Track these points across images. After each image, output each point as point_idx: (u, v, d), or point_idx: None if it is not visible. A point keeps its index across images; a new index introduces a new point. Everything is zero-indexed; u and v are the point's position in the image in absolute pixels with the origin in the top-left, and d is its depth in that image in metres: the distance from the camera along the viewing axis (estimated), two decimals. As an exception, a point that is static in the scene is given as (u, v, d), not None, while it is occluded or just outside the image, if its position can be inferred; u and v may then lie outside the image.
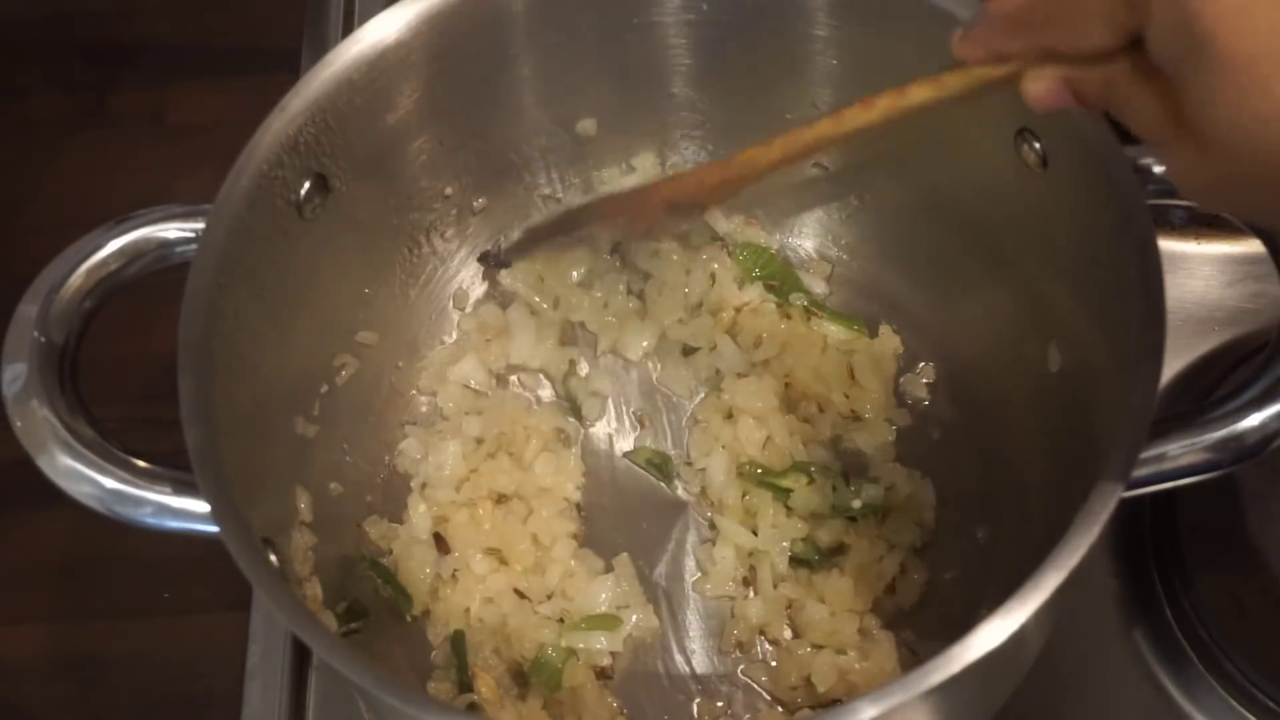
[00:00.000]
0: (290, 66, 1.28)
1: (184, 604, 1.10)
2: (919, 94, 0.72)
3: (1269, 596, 0.96)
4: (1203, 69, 0.51)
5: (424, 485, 1.07)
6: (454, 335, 1.14)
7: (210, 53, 1.39)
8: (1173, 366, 1.09)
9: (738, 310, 1.13)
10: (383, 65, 0.96)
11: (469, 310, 1.14)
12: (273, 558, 0.86)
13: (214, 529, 0.79)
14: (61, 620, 1.11)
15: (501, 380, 1.13)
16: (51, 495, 0.83)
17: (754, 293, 1.12)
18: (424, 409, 1.12)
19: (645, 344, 1.13)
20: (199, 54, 1.39)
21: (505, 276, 1.13)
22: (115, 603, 1.10)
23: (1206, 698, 0.97)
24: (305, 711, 1.03)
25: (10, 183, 1.31)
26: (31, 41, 1.41)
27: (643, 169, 1.14)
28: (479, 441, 1.08)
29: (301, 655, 1.03)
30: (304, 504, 0.98)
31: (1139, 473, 0.78)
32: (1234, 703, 0.96)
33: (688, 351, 1.13)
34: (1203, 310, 1.11)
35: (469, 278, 1.14)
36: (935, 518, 1.04)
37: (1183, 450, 0.80)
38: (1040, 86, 0.63)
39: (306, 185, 0.95)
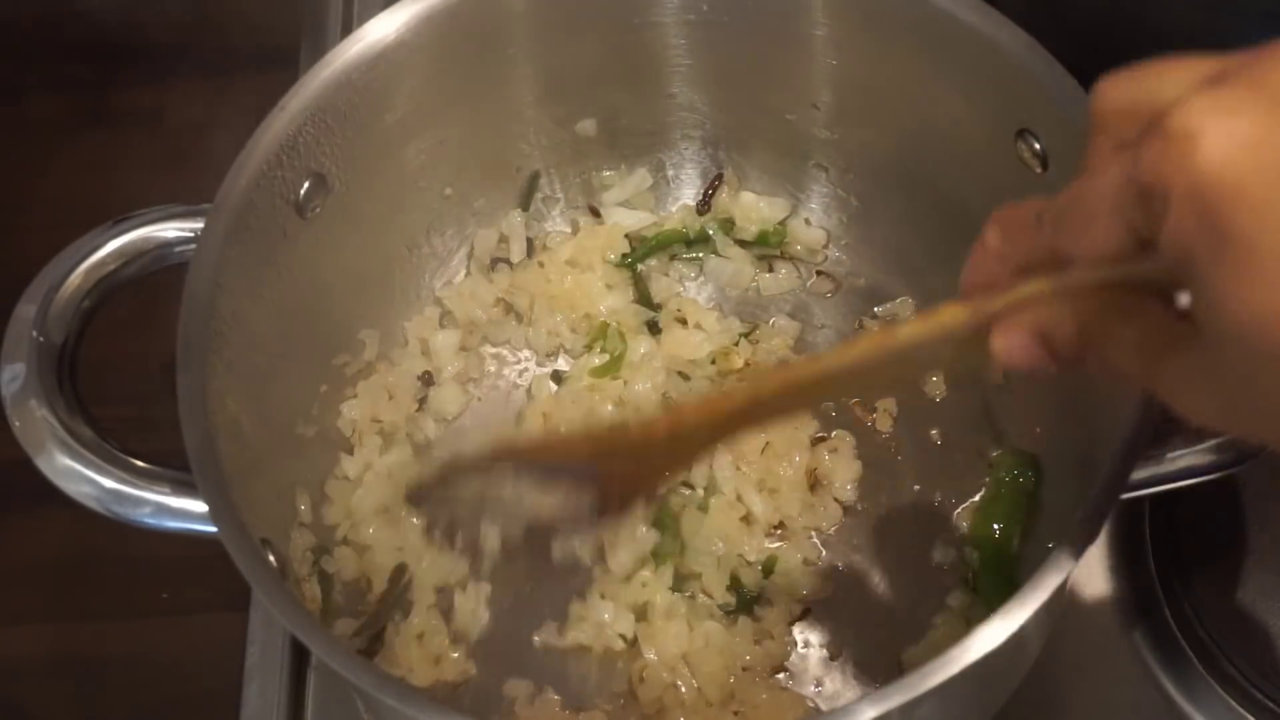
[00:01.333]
0: (290, 66, 1.27)
1: (183, 604, 1.10)
2: (903, 334, 0.64)
3: (1269, 597, 0.96)
4: (1224, 262, 0.48)
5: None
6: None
7: (209, 53, 1.39)
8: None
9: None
10: (382, 65, 0.96)
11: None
12: (271, 558, 0.86)
13: (212, 529, 0.80)
14: (60, 620, 1.11)
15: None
16: (50, 495, 0.83)
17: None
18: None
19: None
20: (198, 54, 1.39)
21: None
22: (114, 603, 1.10)
23: (1206, 698, 0.97)
24: (304, 711, 1.03)
25: (9, 183, 1.31)
26: (30, 41, 1.42)
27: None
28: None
29: (300, 655, 1.03)
30: (304, 505, 0.99)
31: (1139, 474, 0.78)
32: (1234, 703, 0.96)
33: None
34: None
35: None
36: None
37: (1183, 452, 0.80)
38: (1009, 339, 0.59)
39: (306, 185, 0.95)
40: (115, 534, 0.84)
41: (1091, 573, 1.02)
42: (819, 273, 1.14)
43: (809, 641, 1.00)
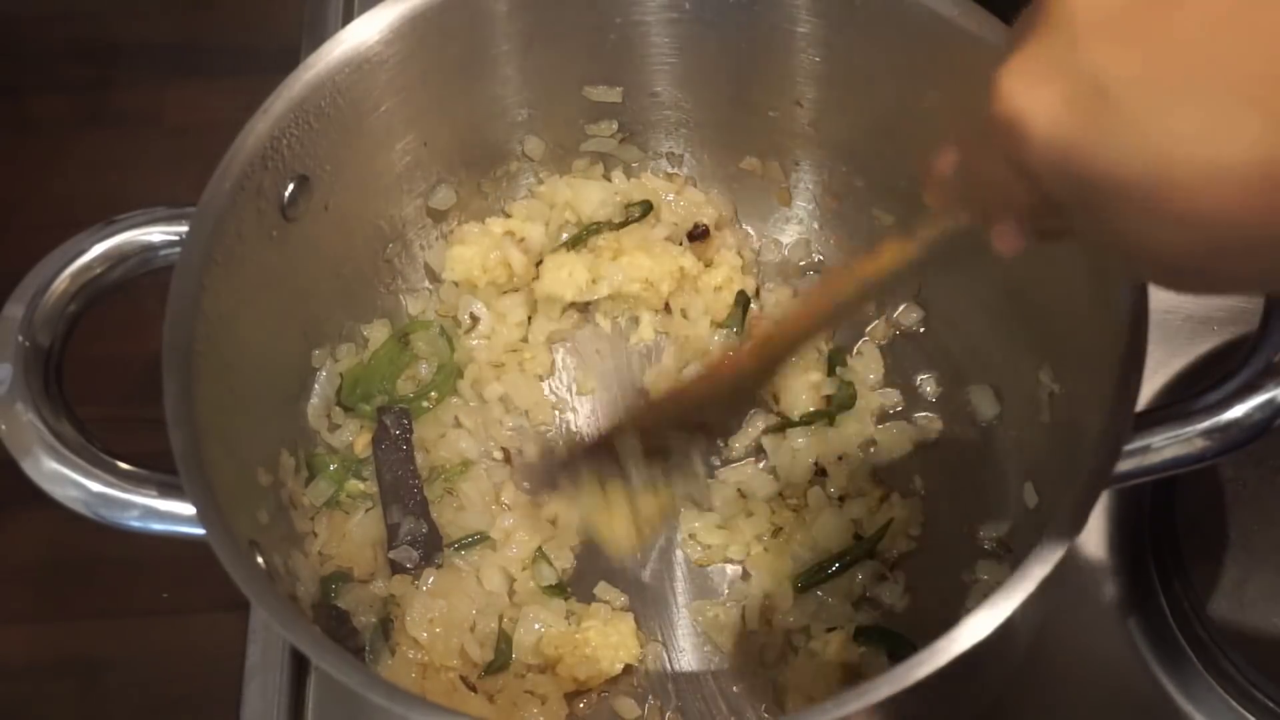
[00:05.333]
0: (288, 67, 1.25)
1: (183, 604, 1.10)
2: (893, 253, 0.71)
3: (1269, 597, 0.96)
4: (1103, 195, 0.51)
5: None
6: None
7: (208, 53, 1.39)
8: (1172, 366, 1.08)
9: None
10: (365, 67, 0.96)
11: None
12: (260, 560, 0.86)
13: (200, 532, 0.79)
14: (60, 620, 1.11)
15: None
16: (47, 495, 0.83)
17: None
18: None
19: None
20: (196, 54, 1.39)
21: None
22: (113, 603, 1.11)
23: (1206, 697, 0.96)
24: (304, 712, 1.03)
25: (8, 183, 1.31)
26: (29, 41, 1.42)
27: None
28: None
29: (300, 655, 1.03)
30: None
31: (1124, 466, 0.78)
32: (1233, 703, 0.95)
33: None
34: (1203, 310, 1.10)
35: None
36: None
37: (1167, 442, 0.79)
38: (1002, 236, 0.62)
39: (291, 186, 0.95)
40: (115, 534, 0.84)
41: (1091, 571, 1.02)
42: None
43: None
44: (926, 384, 1.08)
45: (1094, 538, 1.03)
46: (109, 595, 1.11)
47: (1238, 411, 0.79)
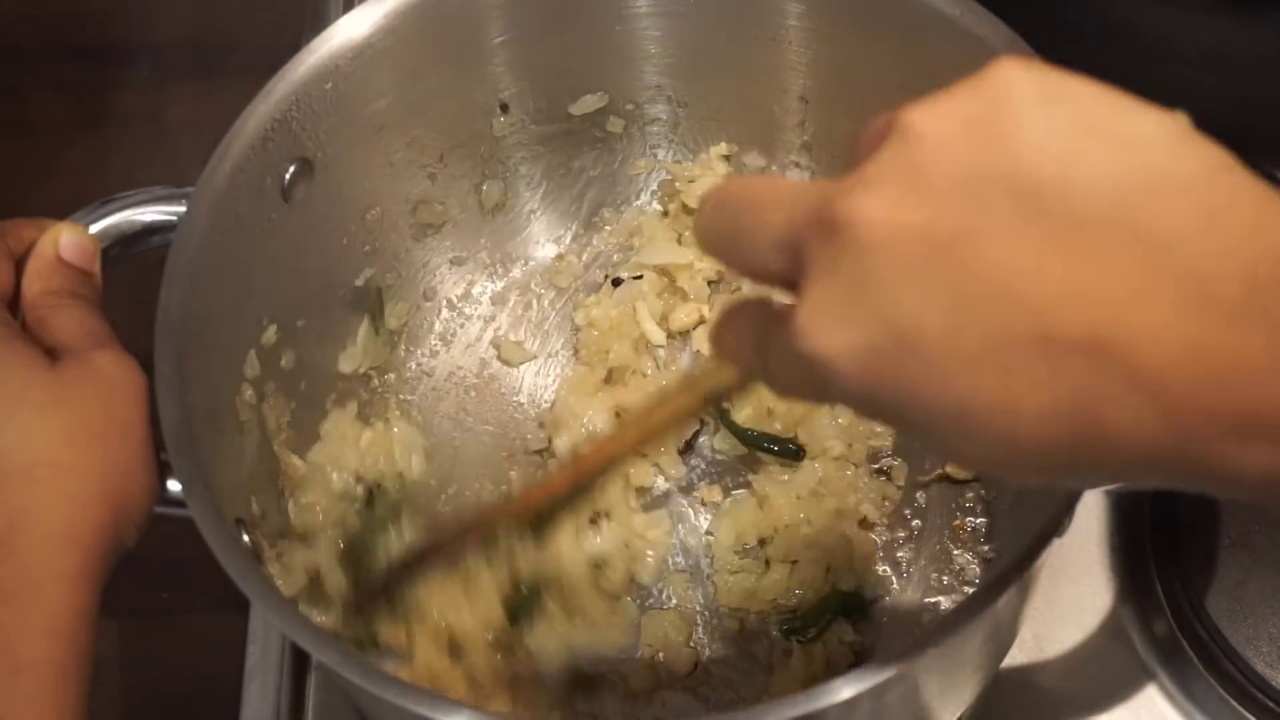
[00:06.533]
0: (289, 66, 1.27)
1: (183, 604, 1.10)
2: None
3: (1269, 597, 0.96)
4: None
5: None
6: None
7: (209, 52, 1.39)
8: (1172, 365, 1.08)
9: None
10: (369, 52, 0.96)
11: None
12: (245, 538, 0.86)
13: (185, 512, 0.79)
14: (60, 620, 1.11)
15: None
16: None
17: None
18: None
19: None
20: (197, 54, 1.39)
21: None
22: (113, 602, 1.10)
23: (1206, 698, 0.96)
24: (304, 711, 1.02)
25: (7, 183, 1.30)
26: (28, 41, 1.42)
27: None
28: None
29: (300, 656, 1.03)
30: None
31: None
32: (1234, 703, 0.95)
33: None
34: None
35: (442, 275, 1.14)
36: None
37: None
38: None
39: (292, 169, 0.95)
40: (114, 534, 0.84)
41: (1091, 572, 1.02)
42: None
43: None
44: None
45: (1094, 538, 1.03)
46: (108, 595, 1.09)
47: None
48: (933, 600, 0.98)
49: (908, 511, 1.03)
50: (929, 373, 0.49)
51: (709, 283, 1.12)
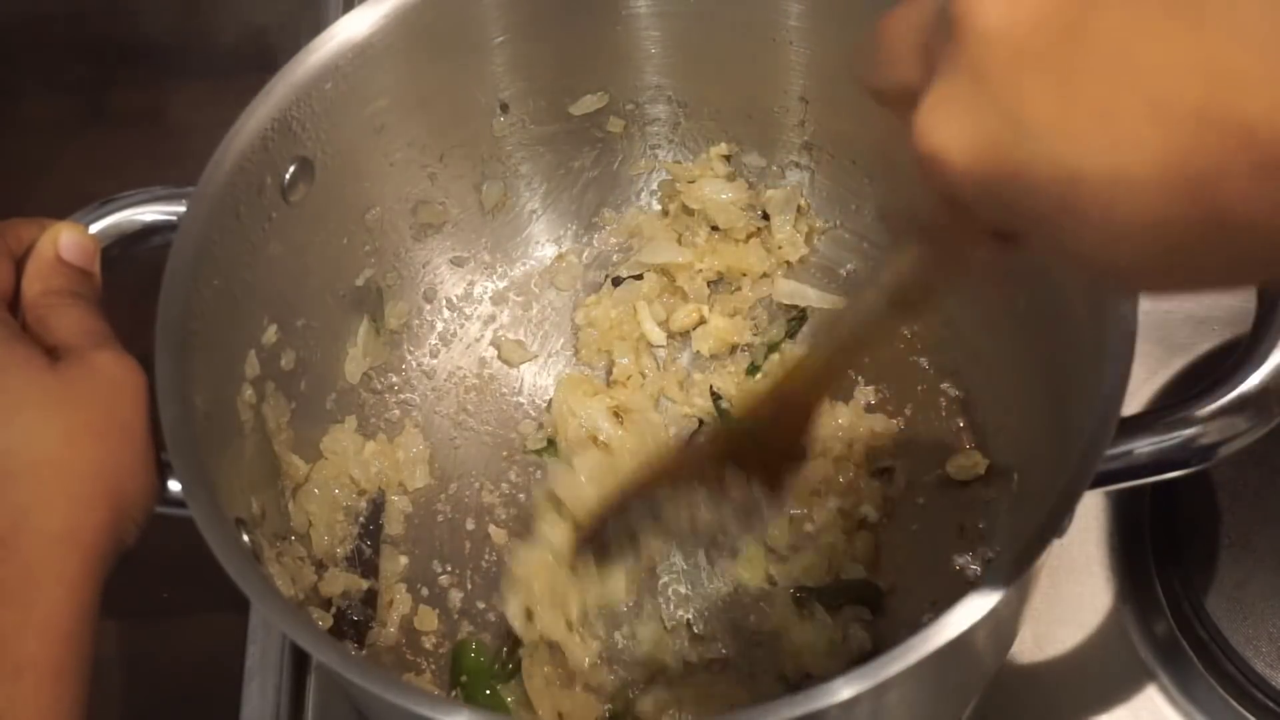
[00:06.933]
0: (289, 68, 1.27)
1: (183, 604, 1.10)
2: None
3: (1269, 597, 0.96)
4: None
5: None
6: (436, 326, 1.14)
7: (208, 52, 1.38)
8: (1172, 366, 1.08)
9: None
10: (369, 52, 0.96)
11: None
12: (245, 538, 0.86)
13: (184, 511, 0.79)
14: (59, 620, 1.11)
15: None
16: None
17: None
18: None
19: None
20: (197, 54, 1.38)
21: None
22: (113, 602, 1.10)
23: (1206, 698, 0.96)
24: (304, 711, 1.03)
25: (7, 183, 1.30)
26: (28, 41, 1.41)
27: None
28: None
29: (300, 655, 1.03)
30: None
31: (1107, 467, 0.78)
32: (1234, 703, 0.95)
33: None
34: (1202, 310, 1.10)
35: (442, 275, 1.14)
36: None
37: (1151, 448, 0.80)
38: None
39: (292, 169, 0.95)
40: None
41: (1091, 572, 1.02)
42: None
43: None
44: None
45: (1094, 537, 1.03)
46: (108, 595, 1.09)
47: (1220, 422, 0.79)
48: (933, 601, 0.98)
49: (908, 512, 1.03)
50: (1040, 151, 0.49)
51: (709, 283, 1.12)
